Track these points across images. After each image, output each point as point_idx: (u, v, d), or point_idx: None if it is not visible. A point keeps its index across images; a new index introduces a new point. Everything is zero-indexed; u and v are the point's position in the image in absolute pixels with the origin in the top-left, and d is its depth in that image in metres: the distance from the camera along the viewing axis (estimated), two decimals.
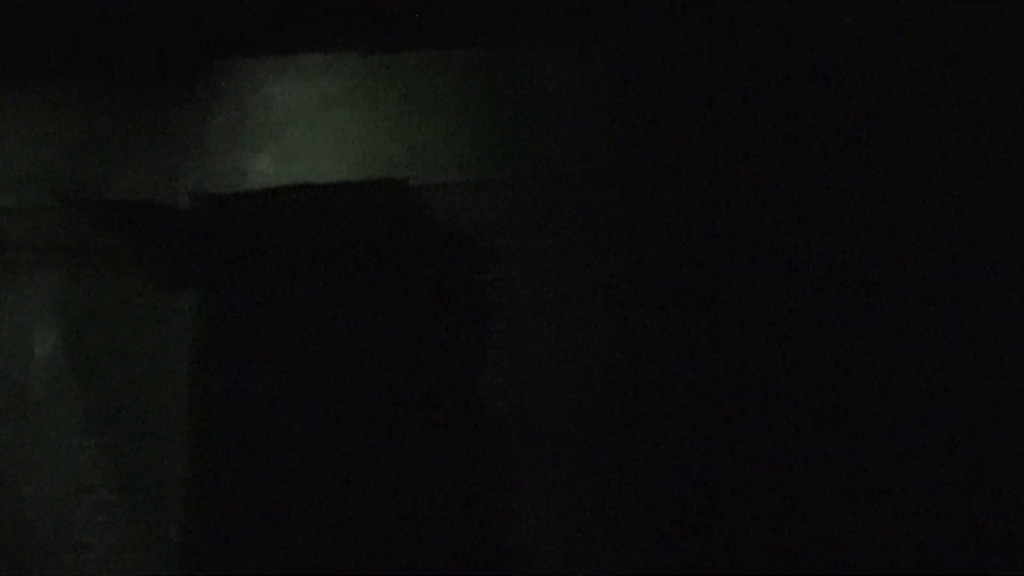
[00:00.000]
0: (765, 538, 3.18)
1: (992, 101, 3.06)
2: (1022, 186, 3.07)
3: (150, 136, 3.66)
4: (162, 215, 3.69)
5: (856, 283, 3.24)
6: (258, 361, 4.13)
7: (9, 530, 3.67)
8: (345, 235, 3.79)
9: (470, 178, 3.40)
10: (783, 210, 3.27)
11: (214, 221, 3.70)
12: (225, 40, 3.53)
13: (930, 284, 3.19)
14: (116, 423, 3.85)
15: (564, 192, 3.29)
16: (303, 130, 3.54)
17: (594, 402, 3.32)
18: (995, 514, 3.09)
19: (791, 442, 3.22)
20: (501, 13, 3.35)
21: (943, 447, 3.13)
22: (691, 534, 3.23)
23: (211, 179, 3.59)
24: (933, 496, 3.14)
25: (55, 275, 3.79)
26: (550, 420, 3.33)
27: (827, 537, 3.18)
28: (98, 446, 3.79)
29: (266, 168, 3.51)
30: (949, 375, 3.14)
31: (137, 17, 3.55)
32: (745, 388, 3.26)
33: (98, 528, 3.76)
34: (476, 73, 3.43)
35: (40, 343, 3.76)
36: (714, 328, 3.28)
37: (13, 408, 3.73)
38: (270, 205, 3.60)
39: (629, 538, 3.20)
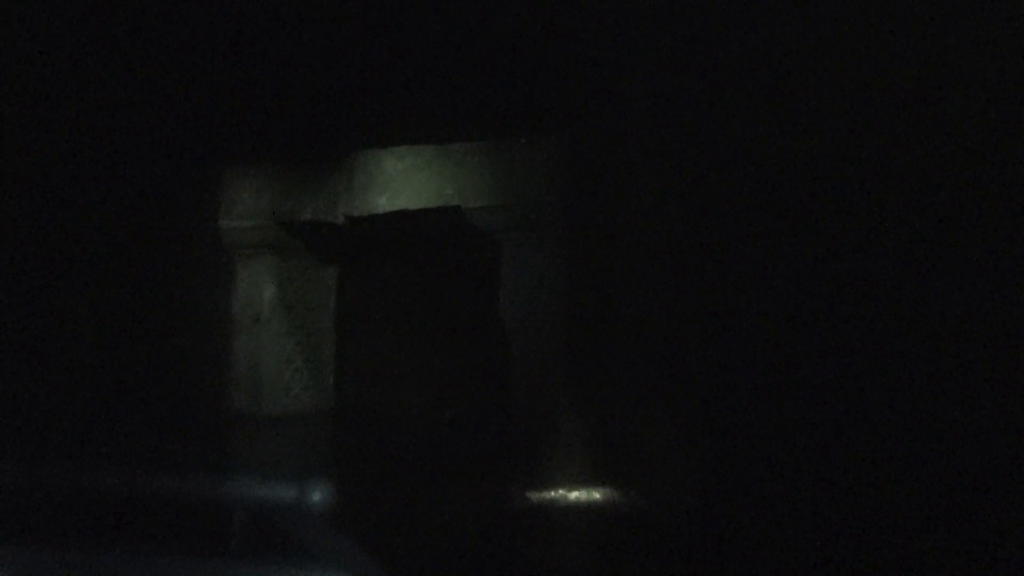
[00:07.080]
0: None
1: None
2: None
3: (322, 187, 7.46)
4: (327, 229, 7.48)
5: None
6: (366, 299, 7.94)
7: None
8: (421, 234, 7.68)
9: (481, 204, 7.32)
10: None
11: (354, 231, 7.52)
12: (363, 139, 7.39)
13: None
14: (299, 330, 7.61)
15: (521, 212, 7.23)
16: (400, 184, 7.40)
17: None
18: None
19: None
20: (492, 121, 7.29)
21: None
22: None
23: (354, 209, 7.41)
24: None
25: (271, 258, 7.56)
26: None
27: None
28: (293, 340, 7.54)
29: (383, 203, 7.35)
30: None
31: (316, 125, 7.40)
32: None
33: (293, 370, 7.51)
34: (479, 155, 7.36)
35: (264, 291, 7.51)
36: None
37: (252, 324, 7.46)
38: (384, 222, 7.44)
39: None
